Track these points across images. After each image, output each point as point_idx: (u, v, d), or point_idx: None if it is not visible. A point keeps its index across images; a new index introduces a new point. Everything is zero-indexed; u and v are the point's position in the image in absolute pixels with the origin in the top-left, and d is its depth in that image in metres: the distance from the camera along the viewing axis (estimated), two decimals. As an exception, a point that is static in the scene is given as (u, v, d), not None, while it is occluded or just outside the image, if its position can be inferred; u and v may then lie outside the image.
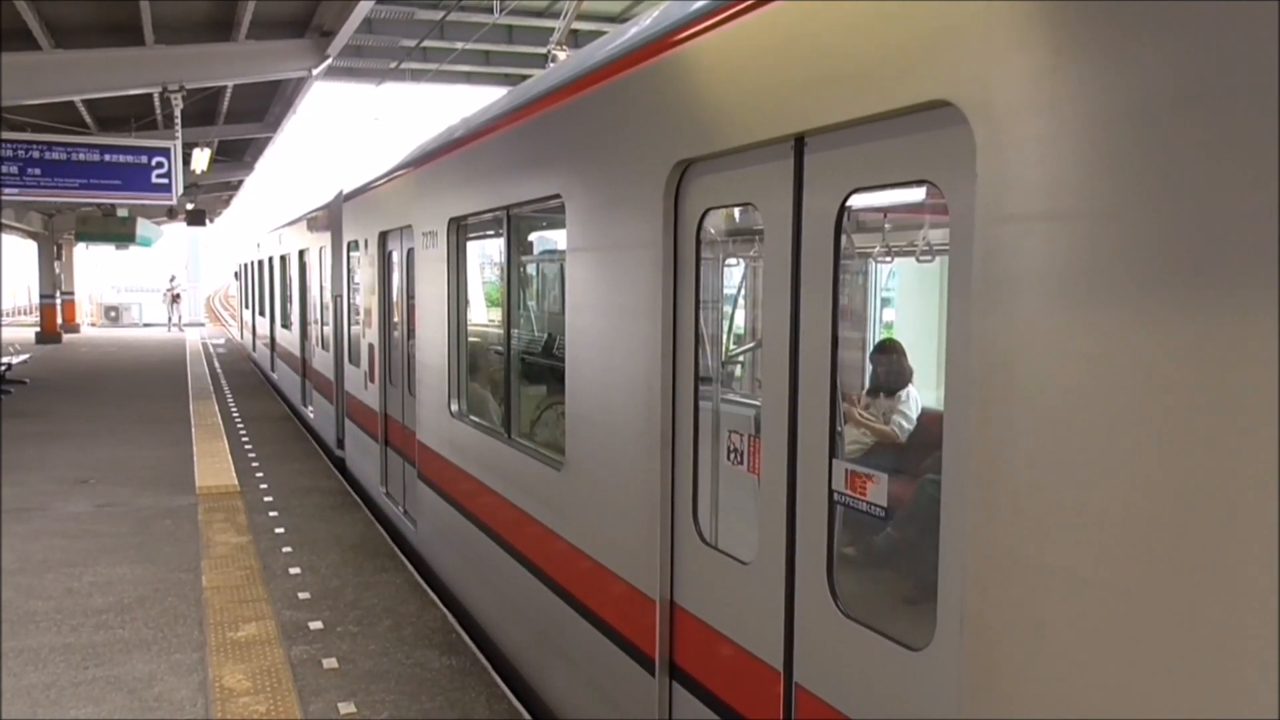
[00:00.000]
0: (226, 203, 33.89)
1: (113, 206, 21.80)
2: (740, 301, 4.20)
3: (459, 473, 6.39)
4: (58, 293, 31.21)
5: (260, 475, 10.60)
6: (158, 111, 15.28)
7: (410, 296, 7.79)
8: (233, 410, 15.42)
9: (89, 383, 19.13)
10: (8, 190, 13.64)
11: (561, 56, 8.04)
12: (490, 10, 15.55)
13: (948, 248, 2.40)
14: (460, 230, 6.48)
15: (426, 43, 16.90)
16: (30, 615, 6.23)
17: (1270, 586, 1.59)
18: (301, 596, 6.67)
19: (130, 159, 14.19)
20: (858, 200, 2.76)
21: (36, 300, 33.19)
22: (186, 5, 11.45)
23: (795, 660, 2.96)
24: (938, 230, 3.32)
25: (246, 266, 25.64)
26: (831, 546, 2.80)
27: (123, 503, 9.27)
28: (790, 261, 2.91)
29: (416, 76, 20.08)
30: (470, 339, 6.65)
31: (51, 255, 30.98)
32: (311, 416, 13.80)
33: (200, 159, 16.60)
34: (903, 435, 3.39)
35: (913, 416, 3.48)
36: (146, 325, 39.33)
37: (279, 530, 8.38)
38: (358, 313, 10.22)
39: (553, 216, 5.29)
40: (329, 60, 12.96)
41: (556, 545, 4.67)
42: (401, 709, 5.01)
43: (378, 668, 5.52)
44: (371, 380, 9.37)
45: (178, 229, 35.28)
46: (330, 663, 5.55)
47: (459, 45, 17.27)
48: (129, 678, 5.32)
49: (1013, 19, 2.06)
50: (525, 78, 7.20)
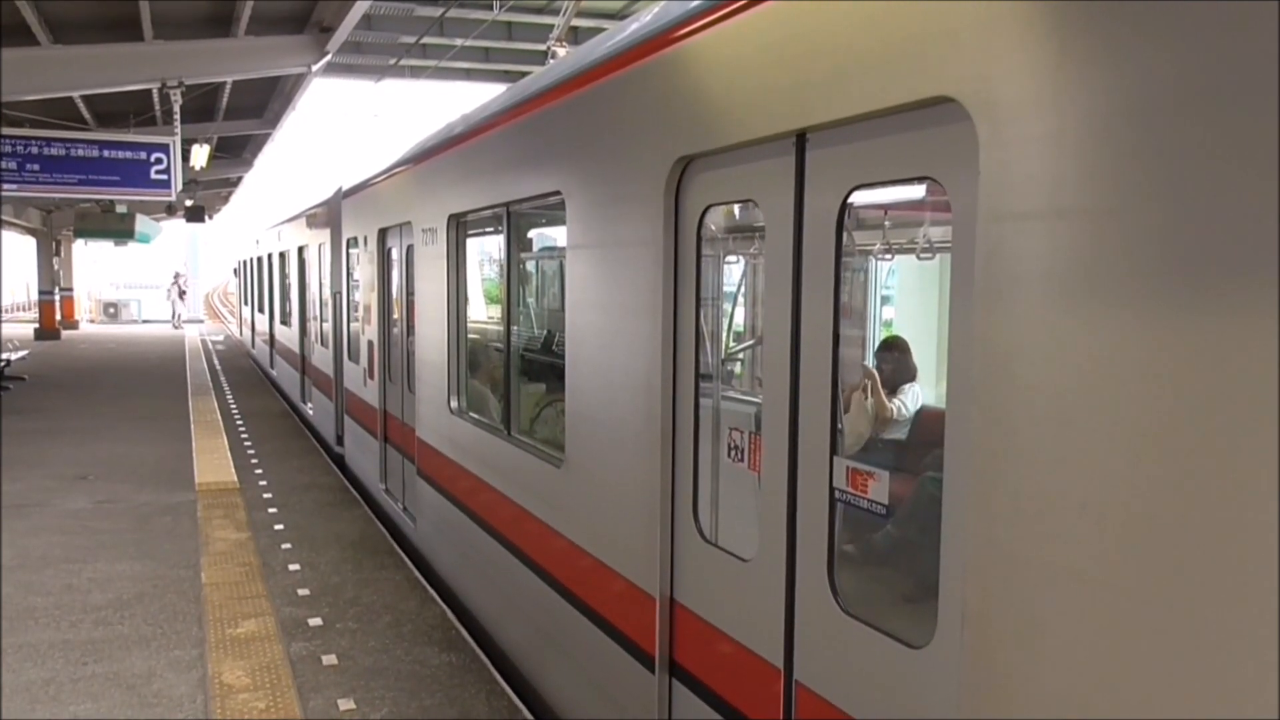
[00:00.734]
0: (226, 199, 33.87)
1: (111, 203, 21.76)
2: (741, 299, 4.19)
3: (458, 470, 6.38)
4: (56, 289, 31.17)
5: (259, 472, 10.59)
6: (157, 107, 15.27)
7: (410, 293, 7.79)
8: (232, 407, 15.41)
9: (88, 379, 19.10)
10: (6, 186, 13.62)
11: (561, 53, 8.04)
12: (490, 7, 15.54)
13: (949, 245, 2.39)
14: (460, 227, 6.47)
15: (426, 39, 16.89)
16: (29, 611, 6.22)
17: (1271, 584, 1.59)
18: (301, 593, 6.66)
19: (129, 155, 14.17)
20: (859, 197, 2.76)
21: (35, 297, 33.16)
22: (186, 1, 11.43)
23: (795, 658, 2.96)
24: (938, 228, 3.33)
25: (245, 263, 25.63)
26: (832, 544, 2.80)
27: (122, 499, 9.26)
28: (791, 259, 2.90)
29: (416, 73, 20.08)
30: (470, 336, 6.64)
31: (50, 252, 30.94)
32: (311, 413, 13.79)
33: (199, 155, 16.60)
34: (899, 416, 3.49)
35: (911, 407, 3.60)
36: (145, 322, 39.29)
37: (278, 527, 8.38)
38: (357, 309, 10.21)
39: (553, 214, 5.28)
40: (328, 56, 12.95)
41: (556, 542, 4.67)
42: (401, 706, 5.01)
43: (377, 664, 5.51)
44: (371, 377, 9.36)
45: (177, 225, 35.22)
46: (330, 659, 5.55)
47: (458, 42, 17.26)
48: (128, 674, 5.31)
49: (1016, 15, 2.06)
50: (525, 74, 7.19)
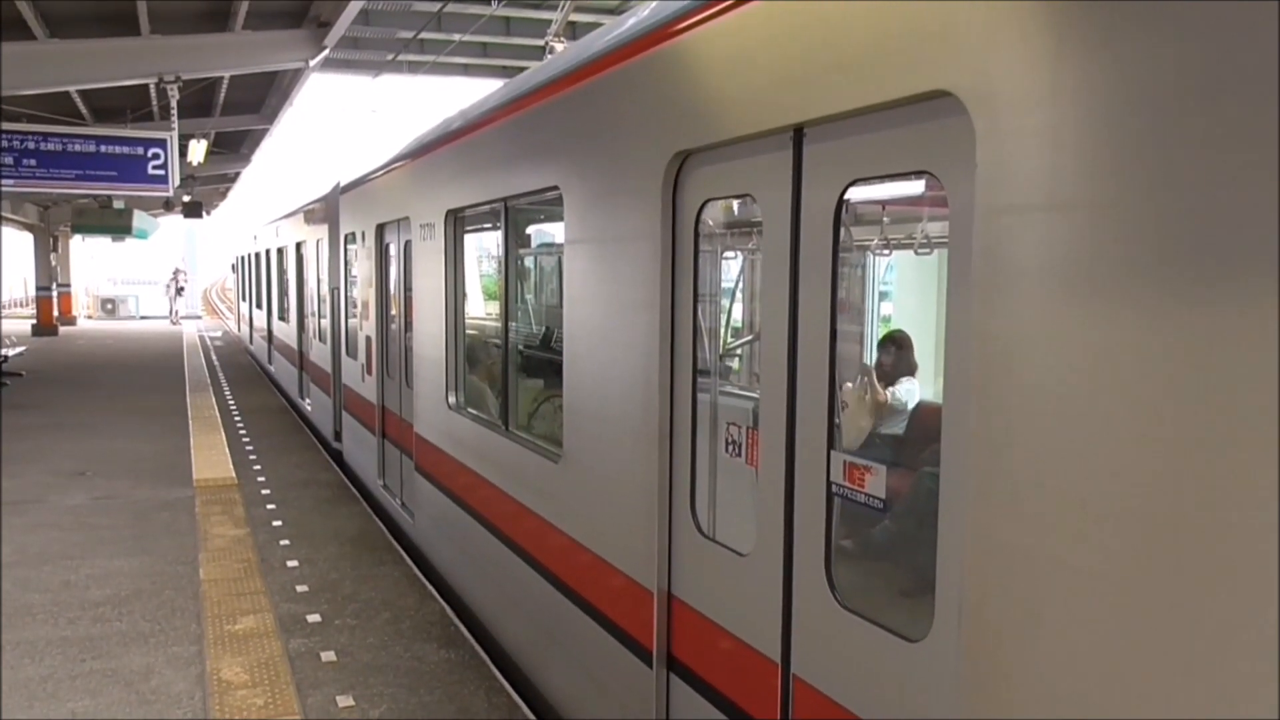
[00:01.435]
0: (223, 195, 33.80)
1: (109, 198, 21.73)
2: (738, 294, 4.19)
3: (457, 465, 6.38)
4: (54, 285, 31.11)
5: (258, 468, 10.58)
6: (154, 103, 15.24)
7: (407, 289, 7.78)
8: (230, 403, 15.39)
9: (86, 375, 19.08)
10: (4, 181, 13.59)
11: (559, 48, 8.02)
12: (487, 2, 15.50)
13: (946, 240, 2.39)
14: (458, 222, 6.46)
15: (424, 35, 16.87)
16: (27, 608, 6.21)
17: (1272, 579, 1.58)
18: (299, 589, 6.66)
19: (126, 150, 14.14)
20: (857, 192, 2.75)
21: (33, 293, 33.10)
22: (183, -3, 11.42)
23: (793, 652, 2.96)
24: (935, 223, 3.33)
25: (243, 259, 25.60)
26: (830, 538, 2.80)
27: (120, 495, 9.25)
28: (789, 253, 2.90)
29: (414, 68, 20.05)
30: (468, 331, 6.64)
31: (48, 247, 30.89)
32: (309, 409, 13.78)
33: (196, 151, 16.56)
34: (896, 404, 3.53)
35: (906, 402, 3.62)
36: (143, 318, 39.24)
37: (277, 523, 8.37)
38: (355, 305, 10.20)
39: (550, 209, 5.27)
40: (326, 52, 12.92)
41: (554, 538, 4.67)
42: (400, 702, 5.01)
43: (376, 661, 5.51)
44: (369, 373, 9.35)
45: (174, 221, 35.15)
46: (328, 655, 5.55)
47: (456, 37, 17.23)
48: (126, 670, 5.31)
49: (1014, 8, 2.05)
50: (523, 70, 7.18)
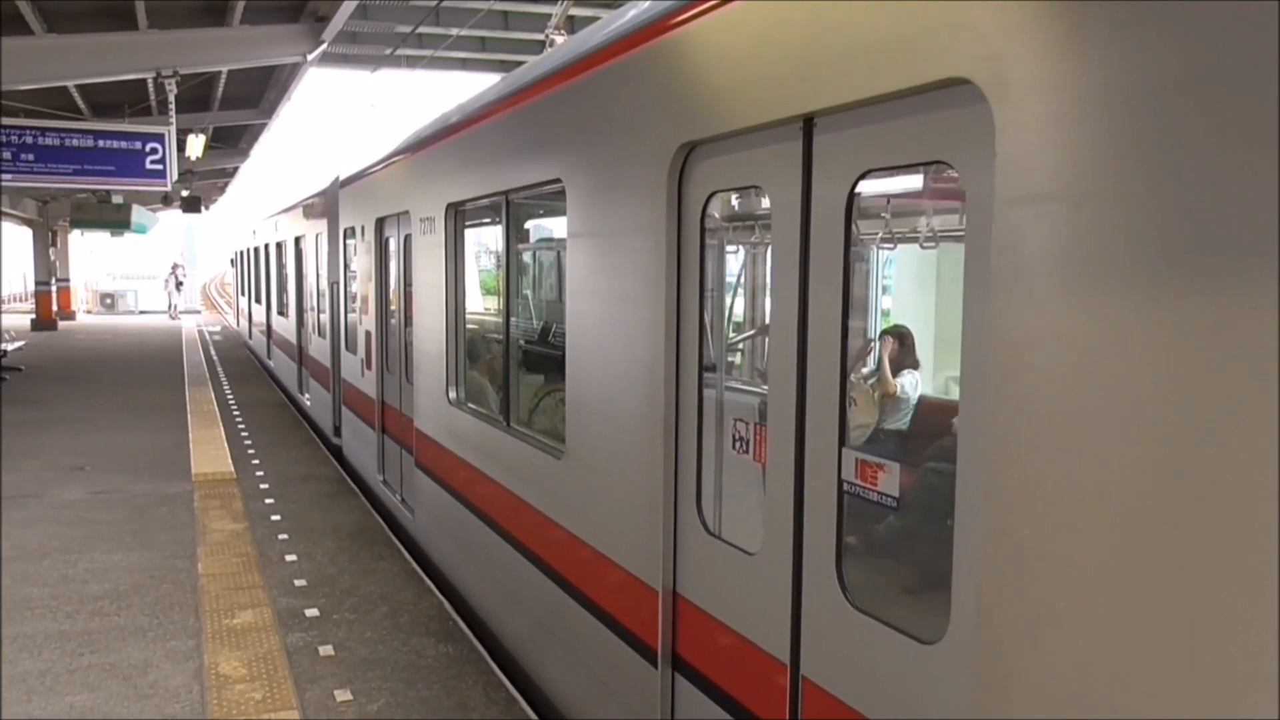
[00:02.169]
0: (222, 190, 33.74)
1: (108, 193, 21.68)
2: (745, 288, 4.14)
3: (457, 461, 6.34)
4: (53, 280, 31.08)
5: (256, 463, 10.55)
6: (152, 97, 15.19)
7: (407, 283, 7.73)
8: (229, 398, 15.36)
9: (85, 370, 19.05)
10: (2, 176, 13.54)
11: (559, 41, 7.96)
12: (486, -4, 15.45)
13: (961, 231, 2.34)
14: (458, 216, 6.41)
15: (422, 29, 16.80)
16: (26, 602, 6.19)
17: None
18: (298, 584, 6.63)
19: (124, 145, 14.08)
20: (863, 185, 2.70)
21: (32, 288, 33.04)
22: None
23: (802, 653, 2.92)
24: (941, 216, 3.29)
25: (242, 254, 25.55)
26: (841, 537, 2.75)
27: (119, 490, 9.22)
28: (798, 246, 2.85)
29: (412, 63, 19.96)
30: (469, 326, 6.59)
31: (47, 242, 30.86)
32: (308, 404, 13.74)
33: (194, 145, 16.51)
34: (902, 394, 3.59)
35: (911, 395, 3.66)
36: (142, 313, 39.18)
37: (275, 517, 8.34)
38: (354, 300, 10.15)
39: (552, 202, 5.23)
40: (324, 46, 12.87)
41: (556, 534, 4.63)
42: (398, 697, 4.97)
43: (374, 655, 5.48)
44: (368, 368, 9.31)
45: (173, 216, 35.10)
46: (326, 650, 5.52)
47: (454, 31, 17.16)
48: (124, 665, 5.28)
49: None
50: (521, 64, 7.13)
